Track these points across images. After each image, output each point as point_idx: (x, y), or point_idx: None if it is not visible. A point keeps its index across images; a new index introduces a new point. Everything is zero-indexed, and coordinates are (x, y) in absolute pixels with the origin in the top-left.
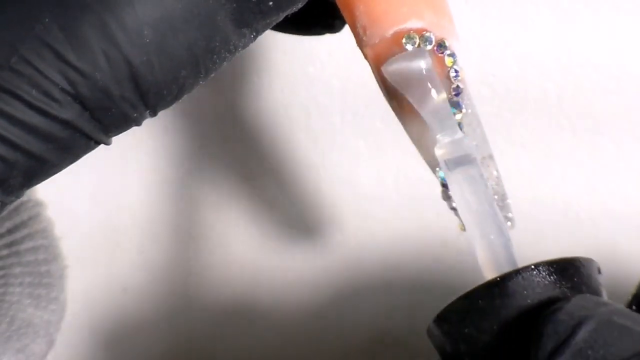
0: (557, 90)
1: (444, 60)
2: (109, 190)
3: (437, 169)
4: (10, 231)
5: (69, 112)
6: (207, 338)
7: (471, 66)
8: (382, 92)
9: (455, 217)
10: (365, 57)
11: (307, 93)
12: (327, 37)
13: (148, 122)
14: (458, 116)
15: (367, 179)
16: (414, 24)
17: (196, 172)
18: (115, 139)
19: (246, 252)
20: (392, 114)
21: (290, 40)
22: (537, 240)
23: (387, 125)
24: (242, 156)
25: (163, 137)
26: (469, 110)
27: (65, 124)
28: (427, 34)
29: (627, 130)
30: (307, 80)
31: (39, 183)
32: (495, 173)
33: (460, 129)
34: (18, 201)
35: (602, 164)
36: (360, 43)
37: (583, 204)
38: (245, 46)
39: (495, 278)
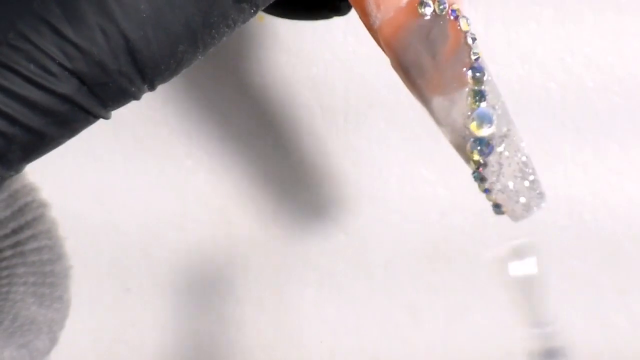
0: (561, 90)
1: (459, 26)
2: (112, 191)
3: (468, 146)
4: (15, 232)
5: (67, 86)
6: (211, 337)
7: None
8: (400, 73)
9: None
10: (378, 37)
11: (310, 94)
12: (330, 38)
13: (150, 124)
14: (486, 81)
15: (370, 180)
16: None
17: (199, 172)
18: (117, 142)
19: (249, 252)
20: (396, 114)
21: (294, 40)
22: (541, 241)
23: (391, 126)
24: (246, 157)
25: (166, 138)
26: (490, 78)
27: (64, 98)
28: None
29: (630, 130)
30: (310, 81)
31: (38, 157)
32: (522, 144)
33: (486, 96)
34: (22, 202)
35: (606, 165)
36: (371, 24)
37: (587, 205)
38: (245, 21)
39: None
